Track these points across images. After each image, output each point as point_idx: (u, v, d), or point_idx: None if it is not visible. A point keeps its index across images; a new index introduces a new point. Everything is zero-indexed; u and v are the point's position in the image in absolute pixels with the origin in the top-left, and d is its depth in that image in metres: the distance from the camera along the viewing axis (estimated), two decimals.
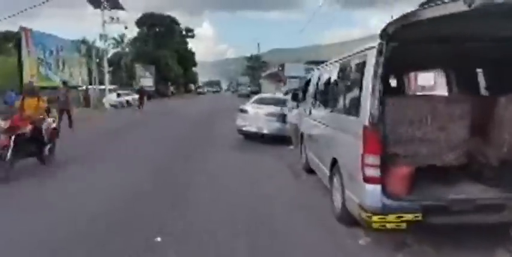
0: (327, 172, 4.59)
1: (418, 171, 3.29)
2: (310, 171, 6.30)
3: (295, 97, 7.52)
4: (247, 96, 38.73)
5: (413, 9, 3.02)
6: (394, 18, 3.02)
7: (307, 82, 7.08)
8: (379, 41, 3.13)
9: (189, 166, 7.06)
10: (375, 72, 3.12)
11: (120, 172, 6.54)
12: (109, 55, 55.68)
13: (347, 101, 3.84)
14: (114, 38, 54.54)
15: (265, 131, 9.77)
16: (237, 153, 8.63)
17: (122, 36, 54.60)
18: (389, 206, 3.10)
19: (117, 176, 6.28)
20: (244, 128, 10.17)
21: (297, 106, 7.65)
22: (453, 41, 3.27)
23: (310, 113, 5.98)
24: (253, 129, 9.97)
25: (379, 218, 3.09)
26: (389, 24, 2.97)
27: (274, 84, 45.47)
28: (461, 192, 3.21)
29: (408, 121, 3.23)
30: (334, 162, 4.25)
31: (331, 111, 4.37)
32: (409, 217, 3.06)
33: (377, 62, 3.13)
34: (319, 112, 5.20)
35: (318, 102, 5.50)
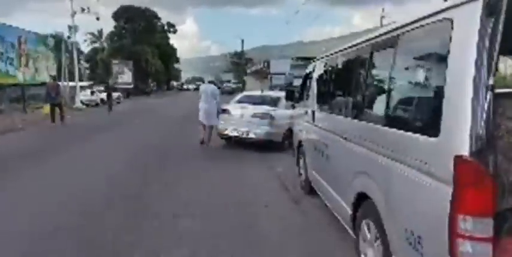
0: (348, 210, 3.01)
1: None
2: (312, 191, 4.79)
3: (290, 96, 5.90)
4: (230, 93, 37.06)
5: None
6: None
7: (306, 77, 5.50)
8: None
9: (149, 189, 5.37)
10: (481, 46, 1.54)
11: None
12: (86, 51, 53.18)
13: (398, 105, 2.24)
14: (92, 33, 51.90)
15: (251, 136, 8.14)
16: (217, 165, 6.96)
17: (101, 32, 52.01)
18: None
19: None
20: (225, 132, 8.52)
21: (293, 107, 6.05)
22: None
23: (314, 118, 4.39)
24: (236, 133, 8.33)
25: None
26: None
27: (260, 81, 44.06)
28: None
29: None
30: (362, 197, 2.69)
31: (359, 120, 2.77)
32: None
33: (483, 27, 1.54)
34: (332, 119, 3.61)
35: (327, 105, 3.90)
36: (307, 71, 5.45)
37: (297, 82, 36.18)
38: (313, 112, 4.39)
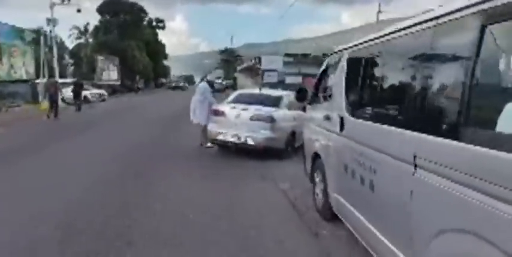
0: None
1: None
2: (332, 216, 3.74)
3: (302, 96, 4.77)
4: (218, 91, 35.75)
5: None
6: None
7: (324, 73, 4.38)
8: None
9: (118, 218, 4.18)
10: None
11: None
12: (71, 46, 51.01)
13: None
14: (77, 28, 49.77)
15: (249, 142, 7.00)
16: (207, 178, 5.80)
17: (86, 26, 49.94)
18: None
19: None
20: (219, 137, 7.35)
21: (304, 109, 4.92)
22: None
23: (342, 126, 3.27)
24: (231, 138, 7.18)
25: None
26: None
27: (251, 78, 42.95)
28: None
29: None
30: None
31: (468, 143, 1.61)
32: None
33: None
34: (381, 131, 2.48)
35: (370, 110, 2.78)
36: (325, 65, 4.32)
37: (289, 80, 35.22)
38: (342, 119, 3.27)
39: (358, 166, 2.87)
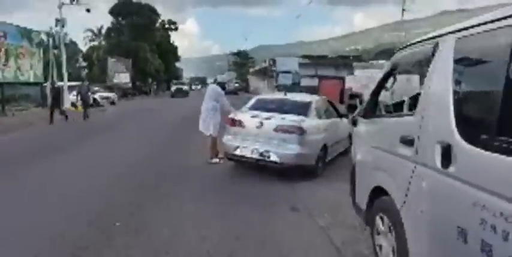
0: None
1: None
2: None
3: (355, 105, 3.47)
4: (235, 93, 34.67)
5: None
6: None
7: (390, 74, 3.07)
8: None
9: None
10: None
11: None
12: (85, 49, 50.60)
13: None
14: (91, 30, 49.37)
15: (274, 158, 5.71)
16: (217, 211, 4.53)
17: (100, 29, 49.49)
18: None
19: None
20: (237, 152, 6.09)
21: (354, 124, 3.61)
22: None
23: (450, 160, 1.96)
24: (251, 154, 5.91)
25: None
26: None
27: (264, 80, 41.82)
28: None
29: None
30: None
31: None
32: None
33: None
34: None
35: None
36: (394, 63, 2.99)
37: (304, 82, 33.84)
38: (449, 147, 1.97)
39: (498, 238, 1.57)
